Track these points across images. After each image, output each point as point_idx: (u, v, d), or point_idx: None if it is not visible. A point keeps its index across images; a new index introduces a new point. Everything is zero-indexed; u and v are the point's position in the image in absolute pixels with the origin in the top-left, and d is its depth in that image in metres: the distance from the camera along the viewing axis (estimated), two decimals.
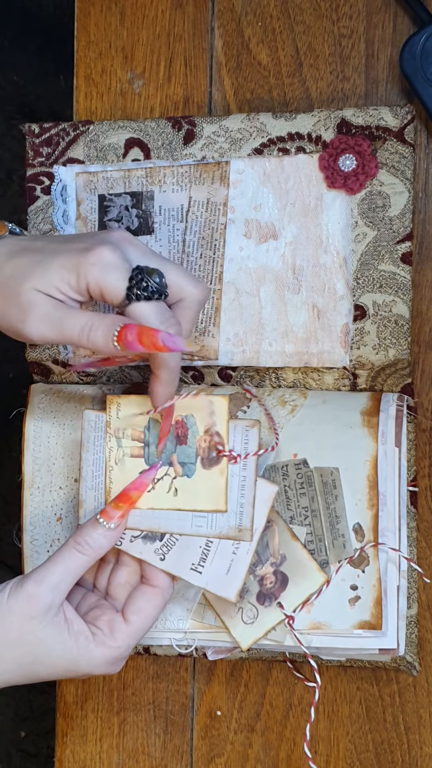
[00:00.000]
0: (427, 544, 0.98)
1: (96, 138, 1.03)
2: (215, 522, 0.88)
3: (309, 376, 0.99)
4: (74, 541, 0.86)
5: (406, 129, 0.96)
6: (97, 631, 0.86)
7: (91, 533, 0.86)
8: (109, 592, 0.92)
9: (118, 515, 0.87)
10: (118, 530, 0.88)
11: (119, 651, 0.87)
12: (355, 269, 0.97)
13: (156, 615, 0.88)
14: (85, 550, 0.86)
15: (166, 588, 0.89)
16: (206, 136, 1.00)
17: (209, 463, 0.88)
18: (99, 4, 1.06)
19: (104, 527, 0.87)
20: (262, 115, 0.99)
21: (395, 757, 1.00)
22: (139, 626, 0.87)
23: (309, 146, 0.98)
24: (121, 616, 0.88)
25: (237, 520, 0.88)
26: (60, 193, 1.04)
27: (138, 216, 1.02)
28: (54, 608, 0.84)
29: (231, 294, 0.99)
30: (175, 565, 0.88)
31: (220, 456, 0.88)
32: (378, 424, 0.94)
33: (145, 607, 0.88)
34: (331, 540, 0.93)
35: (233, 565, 0.88)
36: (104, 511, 0.87)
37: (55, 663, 0.85)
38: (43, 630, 0.84)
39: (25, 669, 0.86)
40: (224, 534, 0.88)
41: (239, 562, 0.88)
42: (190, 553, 0.88)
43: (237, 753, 1.03)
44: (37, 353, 1.04)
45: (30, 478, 1.01)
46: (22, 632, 0.84)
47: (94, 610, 0.89)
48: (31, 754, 2.20)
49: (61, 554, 0.86)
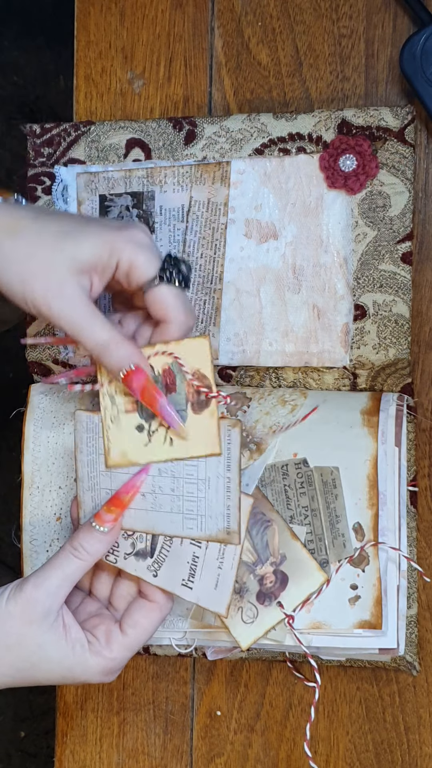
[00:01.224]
0: (427, 544, 0.98)
1: (97, 138, 1.03)
2: (204, 524, 0.87)
3: (309, 376, 0.99)
4: (70, 546, 0.86)
5: (407, 129, 0.96)
6: (93, 640, 0.86)
7: (87, 538, 0.86)
8: (111, 602, 0.92)
9: (111, 519, 0.87)
10: (113, 533, 0.87)
11: (114, 662, 0.87)
12: (355, 269, 0.97)
13: (152, 629, 0.88)
14: (81, 555, 0.86)
15: (163, 603, 0.89)
16: (207, 136, 1.01)
17: (199, 407, 0.87)
18: (99, 4, 1.06)
19: (99, 532, 0.87)
20: (262, 116, 0.99)
21: (395, 757, 1.00)
22: (134, 639, 0.87)
23: (309, 146, 0.98)
24: (119, 628, 0.88)
25: (225, 523, 0.87)
26: (61, 193, 1.04)
27: (139, 216, 1.02)
28: (53, 613, 0.84)
29: (231, 294, 1.00)
30: (167, 582, 0.88)
31: (208, 398, 0.87)
32: (378, 423, 0.94)
33: (141, 621, 0.88)
34: (331, 539, 0.93)
35: (220, 579, 0.88)
36: (97, 515, 0.87)
37: (52, 669, 0.85)
38: (41, 636, 0.84)
39: (22, 673, 0.86)
40: (213, 537, 0.87)
41: (226, 577, 0.88)
42: (180, 569, 0.88)
43: (237, 753, 1.03)
44: (37, 353, 1.04)
45: (29, 478, 1.01)
46: (21, 637, 0.84)
47: (93, 618, 0.89)
48: (31, 754, 2.20)
49: (58, 559, 0.86)
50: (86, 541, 0.86)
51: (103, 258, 0.83)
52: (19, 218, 0.85)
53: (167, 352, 0.86)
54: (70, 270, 0.83)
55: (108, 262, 0.83)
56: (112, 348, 0.84)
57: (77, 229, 0.84)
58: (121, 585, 0.91)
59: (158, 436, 0.88)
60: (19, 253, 0.83)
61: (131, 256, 0.83)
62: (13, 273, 0.83)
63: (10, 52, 2.25)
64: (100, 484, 0.90)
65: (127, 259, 0.83)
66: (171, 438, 0.87)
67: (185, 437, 0.87)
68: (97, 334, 0.84)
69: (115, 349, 0.84)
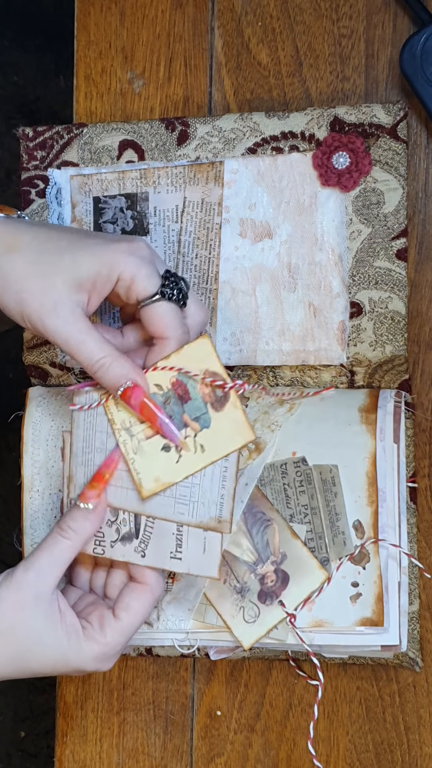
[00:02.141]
0: (427, 544, 0.98)
1: (90, 140, 1.03)
2: (196, 511, 0.87)
3: (306, 374, 0.99)
4: (58, 527, 0.86)
5: (399, 126, 0.96)
6: (87, 626, 0.86)
7: (73, 517, 0.86)
8: (106, 594, 0.92)
9: (94, 495, 0.87)
10: (98, 511, 0.87)
11: (108, 647, 0.86)
12: (350, 266, 0.97)
13: (145, 612, 0.88)
14: (68, 535, 0.86)
15: (154, 584, 0.88)
16: (200, 136, 1.01)
17: (219, 404, 0.86)
18: (99, 4, 1.06)
19: (84, 509, 0.87)
20: (255, 115, 0.99)
21: (395, 757, 1.00)
22: (128, 623, 0.87)
23: (302, 145, 0.98)
24: (112, 613, 0.88)
25: (217, 511, 0.87)
26: (55, 196, 1.04)
27: (133, 217, 1.02)
28: (44, 596, 0.84)
29: (227, 293, 1.00)
30: (156, 559, 0.88)
31: (225, 391, 0.87)
32: (376, 421, 0.94)
33: (133, 604, 0.87)
34: (332, 537, 0.93)
35: (207, 543, 0.87)
36: (81, 494, 0.87)
37: (46, 654, 0.85)
38: (34, 619, 0.84)
39: (16, 661, 0.85)
40: (204, 524, 0.87)
41: (213, 539, 0.88)
42: (166, 542, 0.88)
43: (237, 753, 1.03)
44: (35, 356, 1.04)
45: (29, 482, 1.01)
46: (14, 622, 0.84)
47: (88, 607, 0.89)
48: (31, 754, 2.20)
49: (46, 541, 0.86)
50: (72, 520, 0.86)
51: (102, 273, 0.83)
52: (19, 235, 0.85)
53: (169, 367, 0.86)
54: (67, 287, 0.83)
55: (108, 276, 0.83)
56: (107, 366, 0.84)
57: (76, 245, 0.84)
58: (113, 575, 0.91)
59: (188, 447, 0.88)
60: (17, 271, 0.83)
61: (133, 271, 0.83)
62: (11, 291, 0.84)
63: (10, 52, 2.25)
64: (94, 459, 0.89)
65: (129, 273, 0.83)
66: (201, 445, 0.87)
67: (189, 449, 0.87)
68: (92, 352, 0.84)
69: (110, 367, 0.84)
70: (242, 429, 0.86)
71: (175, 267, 1.01)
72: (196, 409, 0.87)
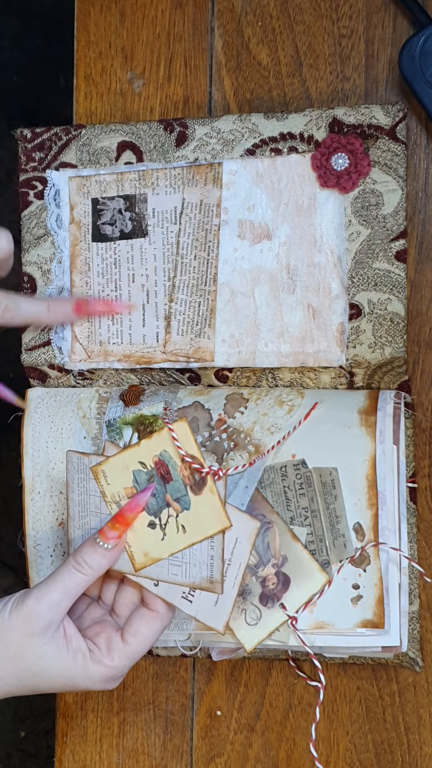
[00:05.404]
0: (427, 545, 0.98)
1: (88, 142, 1.03)
2: (188, 572, 0.88)
3: (306, 376, 0.99)
4: (74, 560, 0.87)
5: (398, 127, 0.96)
6: (94, 649, 0.87)
7: (90, 553, 0.87)
8: (114, 609, 0.92)
9: (114, 536, 0.87)
10: (116, 550, 0.88)
11: (114, 671, 0.87)
12: (349, 268, 0.97)
13: (153, 639, 0.89)
14: (84, 570, 0.87)
15: (164, 613, 0.89)
16: (198, 137, 1.00)
17: (198, 487, 0.88)
18: (99, 4, 1.06)
19: (102, 548, 0.87)
20: (254, 116, 0.99)
21: (395, 757, 1.00)
22: (135, 648, 0.88)
23: (301, 146, 0.98)
24: (120, 636, 0.88)
25: (208, 572, 0.88)
26: (53, 197, 1.04)
27: (131, 219, 1.02)
28: (54, 625, 0.85)
29: (226, 295, 0.99)
30: (168, 593, 0.89)
31: (202, 477, 0.88)
32: (376, 423, 0.94)
33: (142, 630, 0.88)
34: (332, 540, 0.93)
35: (220, 598, 0.89)
36: (101, 531, 0.87)
37: (54, 678, 0.87)
38: (42, 647, 0.85)
39: (25, 683, 0.87)
40: (197, 584, 0.88)
41: (226, 597, 0.89)
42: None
43: (237, 753, 1.03)
44: (33, 358, 1.04)
45: (30, 483, 1.01)
46: (22, 648, 0.85)
47: (96, 625, 0.90)
48: (31, 754, 2.20)
49: (61, 573, 0.87)
50: (89, 556, 0.87)
51: None
52: None
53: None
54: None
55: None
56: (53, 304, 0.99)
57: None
58: (124, 592, 0.92)
59: (171, 527, 0.89)
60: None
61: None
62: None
63: (10, 52, 2.24)
64: (90, 523, 0.91)
65: None
66: (182, 525, 0.88)
67: (24, 407, 0.97)
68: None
69: (53, 303, 0.99)
70: (218, 515, 0.88)
71: (174, 268, 1.00)
72: (177, 490, 0.89)
